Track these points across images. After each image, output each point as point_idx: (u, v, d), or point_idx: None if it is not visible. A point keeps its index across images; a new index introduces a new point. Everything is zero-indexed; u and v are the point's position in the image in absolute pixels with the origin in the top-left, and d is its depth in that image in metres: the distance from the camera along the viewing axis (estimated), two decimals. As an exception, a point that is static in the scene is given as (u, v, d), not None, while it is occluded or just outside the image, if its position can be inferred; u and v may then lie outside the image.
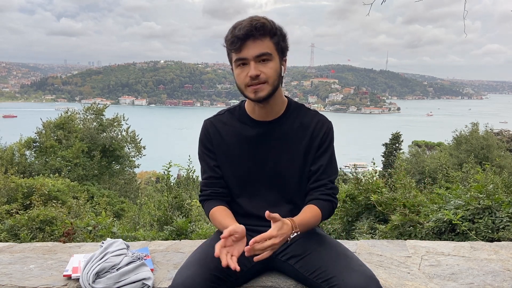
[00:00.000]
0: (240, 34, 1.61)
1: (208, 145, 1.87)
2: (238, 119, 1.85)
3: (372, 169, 5.51)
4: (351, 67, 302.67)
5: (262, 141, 1.81)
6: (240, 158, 1.82)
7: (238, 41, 1.61)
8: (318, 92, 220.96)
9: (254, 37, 1.62)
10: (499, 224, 3.07)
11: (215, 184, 1.87)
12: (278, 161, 1.81)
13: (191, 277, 1.55)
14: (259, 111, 1.79)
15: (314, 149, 1.82)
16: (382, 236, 3.63)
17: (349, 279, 1.53)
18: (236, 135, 1.83)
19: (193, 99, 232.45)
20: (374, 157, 8.00)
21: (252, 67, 1.63)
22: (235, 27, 1.64)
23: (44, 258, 2.21)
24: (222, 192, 1.87)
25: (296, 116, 1.83)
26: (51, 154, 18.70)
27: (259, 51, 1.63)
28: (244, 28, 1.61)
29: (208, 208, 1.86)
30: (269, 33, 1.65)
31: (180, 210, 5.42)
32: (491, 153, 20.05)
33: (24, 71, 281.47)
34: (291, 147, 1.81)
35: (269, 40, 1.65)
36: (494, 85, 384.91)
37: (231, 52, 1.67)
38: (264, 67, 1.65)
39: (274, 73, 1.67)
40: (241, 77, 1.68)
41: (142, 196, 12.89)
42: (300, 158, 1.81)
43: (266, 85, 1.66)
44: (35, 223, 5.30)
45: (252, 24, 1.61)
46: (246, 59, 1.64)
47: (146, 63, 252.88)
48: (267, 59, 1.65)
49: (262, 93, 1.67)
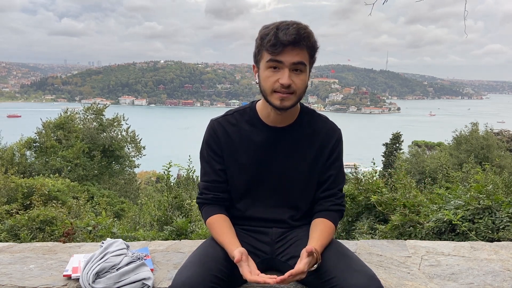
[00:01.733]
0: (286, 39, 1.55)
1: (214, 147, 1.81)
2: (247, 121, 1.80)
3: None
4: (351, 67, 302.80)
5: (271, 146, 1.78)
6: (248, 162, 1.79)
7: (281, 45, 1.56)
8: (318, 92, 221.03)
9: (297, 45, 1.58)
10: (499, 224, 3.07)
11: (217, 189, 1.83)
12: (286, 166, 1.78)
13: (191, 277, 1.55)
14: (274, 117, 1.75)
15: (324, 157, 1.80)
16: (382, 236, 3.63)
17: (350, 279, 1.53)
18: (245, 139, 1.78)
19: (193, 99, 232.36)
20: (374, 157, 8.01)
21: (286, 75, 1.59)
22: (278, 28, 1.58)
23: (44, 258, 2.21)
24: (222, 198, 1.84)
25: (308, 123, 1.80)
26: (51, 154, 18.71)
27: (298, 60, 1.59)
28: (292, 35, 1.55)
29: (207, 214, 1.83)
30: (310, 43, 1.62)
31: (180, 210, 5.42)
32: (491, 153, 20.05)
33: (24, 71, 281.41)
34: (300, 153, 1.79)
35: (306, 51, 1.61)
36: (494, 85, 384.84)
37: (266, 52, 1.62)
38: (296, 78, 1.61)
39: (303, 86, 1.65)
40: (270, 81, 1.62)
41: (142, 196, 12.89)
42: (308, 165, 1.79)
43: (293, 96, 1.63)
44: (35, 223, 5.30)
45: (300, 32, 1.57)
46: (282, 63, 1.59)
47: (146, 63, 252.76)
48: (301, 69, 1.62)
49: (288, 102, 1.63)
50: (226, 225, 1.77)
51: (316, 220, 1.79)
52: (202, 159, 1.86)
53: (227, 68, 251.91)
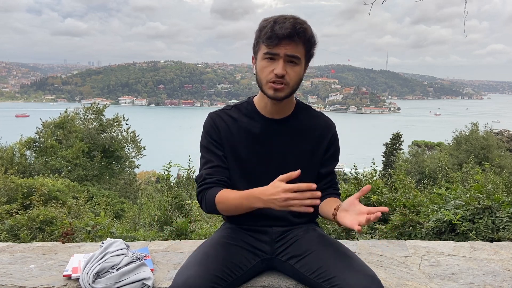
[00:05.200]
0: (281, 33, 1.59)
1: (215, 137, 1.80)
2: (245, 114, 1.83)
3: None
4: (351, 67, 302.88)
5: (269, 138, 1.81)
6: (246, 154, 1.80)
7: (276, 38, 1.60)
8: (318, 92, 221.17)
9: (292, 39, 1.61)
10: (499, 224, 3.07)
11: (221, 173, 1.77)
12: (284, 159, 1.81)
13: (191, 277, 1.55)
14: (271, 107, 1.79)
15: (321, 151, 1.85)
16: (382, 236, 3.63)
17: (350, 279, 1.53)
18: (244, 131, 1.81)
19: (193, 99, 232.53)
20: (374, 157, 8.01)
21: (281, 65, 1.63)
22: (276, 22, 1.62)
23: (44, 258, 2.21)
24: (227, 182, 1.79)
25: (304, 117, 1.85)
26: (51, 154, 18.71)
27: (292, 53, 1.63)
28: (287, 28, 1.59)
29: (212, 194, 1.72)
30: (306, 38, 1.65)
31: (180, 210, 5.41)
32: (491, 153, 20.05)
33: (24, 71, 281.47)
34: (297, 146, 1.82)
35: (302, 45, 1.65)
36: (494, 85, 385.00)
37: (263, 44, 1.66)
38: (291, 70, 1.65)
39: (297, 78, 1.69)
40: (266, 71, 1.67)
41: (142, 196, 12.89)
42: (305, 157, 1.82)
43: (287, 87, 1.67)
44: (35, 223, 5.29)
45: (296, 27, 1.60)
46: (278, 55, 1.63)
47: (146, 63, 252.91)
48: (296, 62, 1.66)
49: (281, 93, 1.68)
50: (237, 192, 1.68)
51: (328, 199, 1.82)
52: (203, 149, 1.82)
53: (227, 68, 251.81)
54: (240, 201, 1.64)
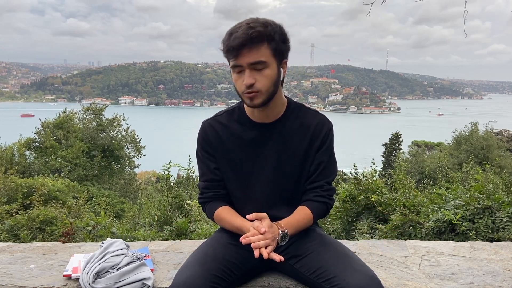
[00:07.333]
0: (235, 44, 1.57)
1: (207, 148, 1.85)
2: (237, 120, 1.83)
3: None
4: (351, 67, 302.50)
5: (262, 143, 1.80)
6: (240, 161, 1.81)
7: (234, 50, 1.58)
8: (318, 92, 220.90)
9: (249, 46, 1.58)
10: (499, 224, 3.07)
11: (216, 186, 1.87)
12: (278, 163, 1.80)
13: (191, 277, 1.55)
14: (258, 113, 1.78)
15: (314, 149, 1.81)
16: (382, 236, 3.63)
17: (350, 279, 1.53)
18: (236, 137, 1.81)
19: (193, 99, 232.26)
20: (374, 157, 8.00)
21: (247, 75, 1.61)
22: (231, 34, 1.59)
23: (44, 258, 2.21)
24: (223, 194, 1.88)
25: (296, 117, 1.82)
26: (51, 154, 18.69)
27: (254, 59, 1.59)
28: (240, 38, 1.56)
29: (211, 209, 1.87)
30: (266, 39, 1.60)
31: (180, 210, 5.41)
32: (491, 153, 20.04)
33: (24, 71, 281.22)
34: (291, 148, 1.80)
35: (266, 47, 1.60)
36: (494, 85, 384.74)
37: (227, 58, 1.66)
38: (259, 75, 1.62)
39: (269, 82, 1.64)
40: (238, 84, 1.66)
41: (142, 196, 12.89)
42: (300, 159, 1.80)
43: (260, 94, 1.64)
44: (35, 223, 5.29)
45: (248, 33, 1.56)
46: (242, 66, 1.61)
47: (146, 63, 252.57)
48: (262, 67, 1.62)
49: (257, 101, 1.65)
50: (234, 213, 1.82)
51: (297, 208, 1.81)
52: (197, 159, 1.90)
53: (227, 68, 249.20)
54: (232, 229, 1.79)
